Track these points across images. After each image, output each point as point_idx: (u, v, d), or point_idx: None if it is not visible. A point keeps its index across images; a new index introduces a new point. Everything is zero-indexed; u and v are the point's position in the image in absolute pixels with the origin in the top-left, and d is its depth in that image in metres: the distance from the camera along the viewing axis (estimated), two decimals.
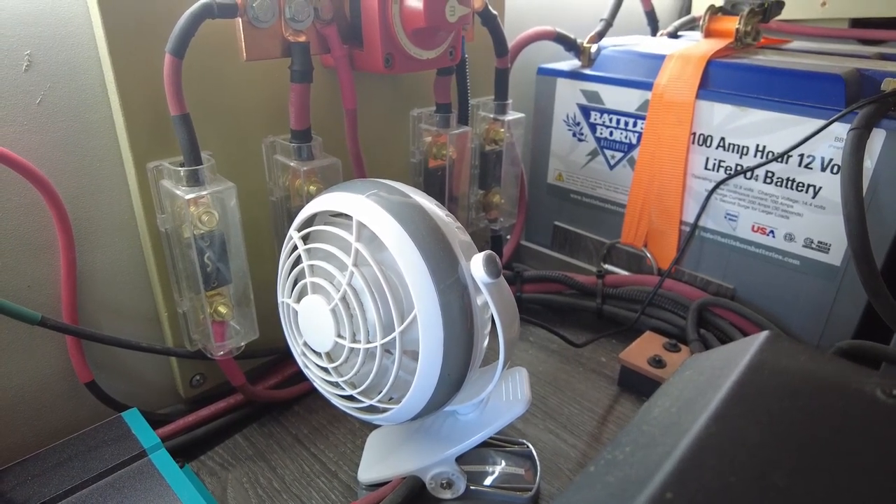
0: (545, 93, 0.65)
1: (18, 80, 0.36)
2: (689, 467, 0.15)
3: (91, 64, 0.38)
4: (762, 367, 0.19)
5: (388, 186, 0.35)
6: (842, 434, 0.17)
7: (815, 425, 0.17)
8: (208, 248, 0.40)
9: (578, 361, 0.56)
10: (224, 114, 0.42)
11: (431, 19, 0.41)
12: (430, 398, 0.34)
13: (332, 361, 0.36)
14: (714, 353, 0.22)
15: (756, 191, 0.53)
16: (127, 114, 0.38)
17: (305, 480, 0.43)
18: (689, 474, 0.15)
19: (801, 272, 0.53)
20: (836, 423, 0.17)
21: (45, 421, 0.42)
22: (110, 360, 0.44)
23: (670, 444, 0.16)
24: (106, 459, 0.36)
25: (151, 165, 0.39)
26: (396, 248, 0.32)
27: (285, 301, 0.37)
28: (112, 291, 0.43)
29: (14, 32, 0.35)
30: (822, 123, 0.48)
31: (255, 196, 0.45)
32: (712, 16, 0.63)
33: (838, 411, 0.17)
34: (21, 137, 0.37)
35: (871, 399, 0.18)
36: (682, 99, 0.55)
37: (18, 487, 0.35)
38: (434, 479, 0.40)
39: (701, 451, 0.16)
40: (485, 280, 0.33)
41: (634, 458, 0.17)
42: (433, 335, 0.32)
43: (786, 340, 0.21)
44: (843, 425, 0.17)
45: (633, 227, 0.62)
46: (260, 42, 0.39)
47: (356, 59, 0.44)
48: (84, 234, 0.41)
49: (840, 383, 0.18)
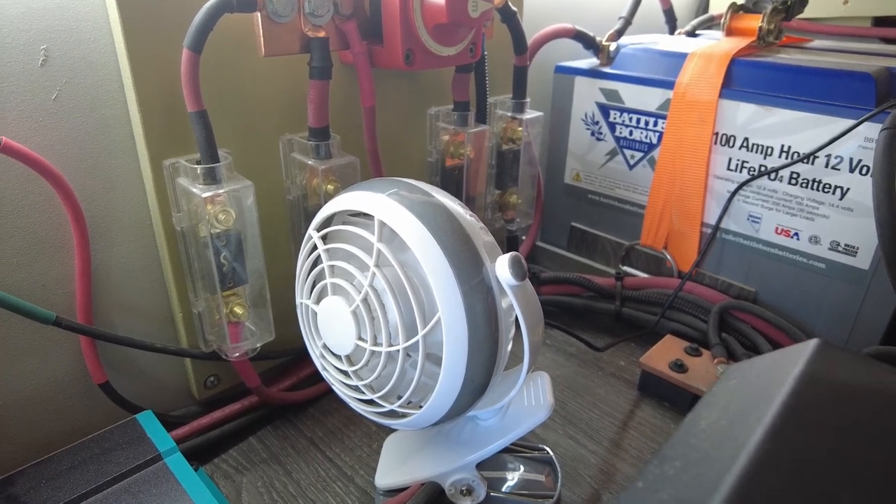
0: (563, 91, 0.64)
1: (35, 74, 0.35)
2: (750, 486, 0.14)
3: (107, 59, 0.37)
4: (816, 377, 0.18)
5: (409, 185, 0.34)
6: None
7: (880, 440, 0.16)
8: (224, 248, 0.39)
9: (597, 365, 0.55)
10: (241, 111, 0.42)
11: (454, 14, 0.40)
12: (453, 403, 0.33)
13: (353, 365, 0.35)
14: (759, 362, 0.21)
15: (780, 192, 0.52)
16: (143, 110, 0.37)
17: (321, 485, 0.42)
18: (750, 493, 0.14)
19: (827, 275, 0.51)
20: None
21: (59, 422, 0.42)
22: (124, 361, 0.44)
23: (727, 461, 0.15)
24: (121, 463, 0.36)
25: (168, 163, 0.39)
26: (419, 249, 0.31)
27: (304, 302, 0.37)
28: (127, 291, 0.42)
29: (31, 26, 0.34)
30: (850, 123, 0.46)
31: (271, 194, 0.45)
32: (734, 14, 0.61)
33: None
34: (37, 133, 0.36)
35: None
36: (704, 98, 0.54)
37: (32, 491, 0.34)
38: (454, 486, 0.39)
39: (761, 469, 0.15)
40: (510, 282, 0.32)
41: (687, 474, 0.16)
42: (457, 338, 0.31)
43: (837, 349, 0.20)
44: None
45: (654, 228, 0.61)
46: (279, 37, 0.38)
47: (375, 55, 0.43)
48: (99, 232, 0.40)
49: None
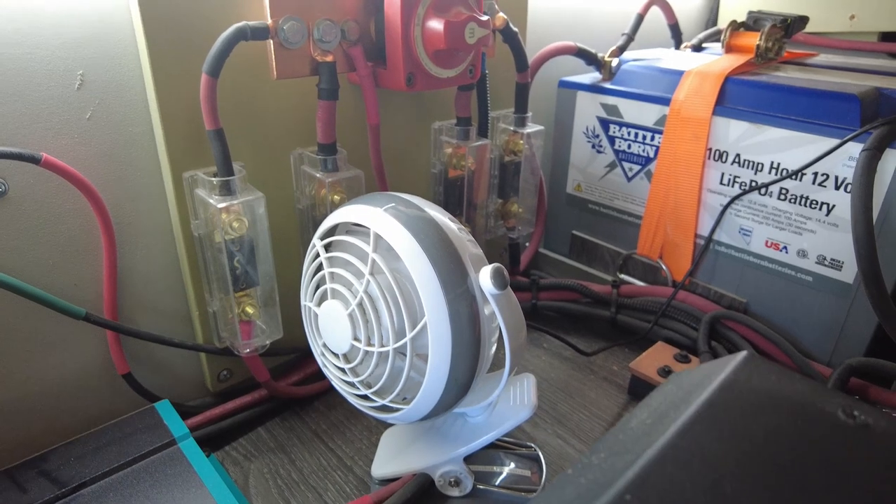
0: (566, 105, 0.67)
1: (71, 97, 0.39)
2: (650, 473, 0.17)
3: (135, 82, 0.41)
4: (733, 385, 0.21)
5: (405, 201, 0.38)
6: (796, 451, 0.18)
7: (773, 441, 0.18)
8: (238, 253, 0.43)
9: (590, 369, 0.58)
10: (256, 128, 0.45)
11: (451, 41, 0.43)
12: (439, 400, 0.36)
13: (349, 362, 0.39)
14: (696, 371, 0.24)
15: (770, 207, 0.54)
16: (166, 128, 0.41)
17: (322, 473, 0.46)
18: (649, 479, 0.17)
19: (814, 288, 0.53)
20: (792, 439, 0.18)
21: (86, 408, 0.46)
22: (145, 355, 0.48)
23: (637, 453, 0.18)
24: (139, 446, 0.40)
25: (187, 175, 0.43)
26: (409, 259, 0.34)
27: (307, 304, 0.40)
28: (149, 291, 0.46)
29: (69, 54, 0.38)
30: (836, 143, 0.48)
31: (283, 204, 0.48)
32: (734, 31, 0.63)
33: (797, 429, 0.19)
34: (72, 149, 0.40)
35: (832, 419, 0.19)
36: (698, 115, 0.56)
37: (62, 468, 0.38)
38: (443, 477, 0.42)
39: (663, 460, 0.18)
40: (492, 291, 0.35)
41: (606, 463, 0.19)
42: (442, 341, 0.34)
43: (762, 361, 0.23)
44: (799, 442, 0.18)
45: (649, 238, 0.63)
46: (290, 62, 0.41)
47: (380, 77, 0.46)
48: (125, 237, 0.44)
49: (804, 402, 0.20)
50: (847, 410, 0.20)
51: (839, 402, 0.20)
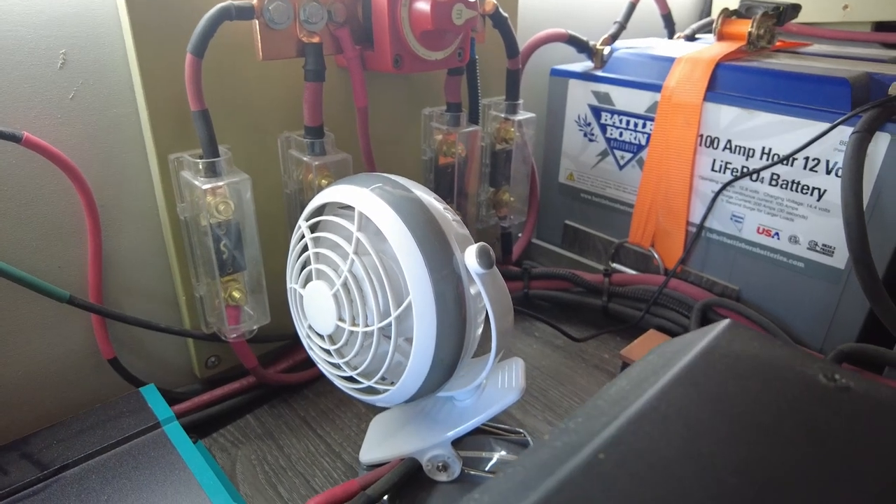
0: (557, 93, 0.66)
1: (54, 76, 0.39)
2: (625, 433, 0.17)
3: (119, 63, 0.41)
4: (714, 350, 0.20)
5: (391, 181, 0.37)
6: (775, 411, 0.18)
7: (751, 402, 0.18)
8: (224, 236, 0.42)
9: (581, 357, 0.57)
10: (242, 110, 0.45)
11: (438, 22, 0.43)
12: (424, 381, 0.36)
13: (334, 343, 0.38)
14: (678, 339, 0.24)
15: (762, 193, 0.54)
16: (151, 109, 0.41)
17: (310, 459, 0.45)
18: (623, 439, 0.17)
19: (806, 274, 0.53)
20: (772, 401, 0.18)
21: (71, 393, 0.45)
22: (132, 340, 0.47)
23: (613, 415, 0.18)
24: (123, 429, 0.39)
25: (172, 157, 0.42)
26: (394, 239, 0.34)
27: (293, 286, 0.40)
28: (134, 274, 0.46)
29: (51, 32, 0.38)
30: (826, 127, 0.48)
31: (271, 189, 0.48)
32: (725, 18, 0.63)
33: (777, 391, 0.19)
34: (55, 129, 0.40)
35: (812, 382, 0.19)
36: (690, 101, 0.56)
37: (45, 450, 0.38)
38: (430, 462, 0.42)
39: (639, 420, 0.17)
40: (477, 270, 0.34)
41: (582, 427, 0.18)
42: (427, 321, 0.34)
43: (744, 329, 0.22)
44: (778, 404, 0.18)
45: (641, 227, 0.63)
46: (275, 43, 0.41)
47: (367, 59, 0.46)
48: (110, 220, 0.44)
49: (785, 367, 0.20)
50: (828, 374, 0.19)
51: (820, 367, 0.20)
